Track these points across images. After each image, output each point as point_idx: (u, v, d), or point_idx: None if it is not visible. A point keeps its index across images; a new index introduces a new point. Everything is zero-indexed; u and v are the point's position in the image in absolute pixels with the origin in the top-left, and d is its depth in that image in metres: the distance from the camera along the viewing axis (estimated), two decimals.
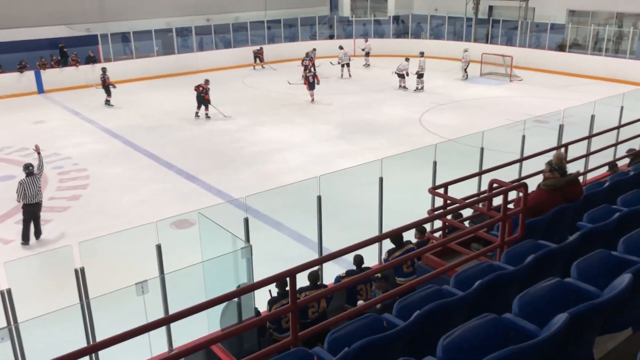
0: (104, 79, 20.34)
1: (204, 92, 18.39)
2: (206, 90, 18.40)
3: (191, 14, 28.15)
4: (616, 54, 25.27)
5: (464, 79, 24.21)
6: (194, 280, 6.15)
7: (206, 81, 18.60)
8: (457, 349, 3.10)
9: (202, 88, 18.41)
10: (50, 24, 24.38)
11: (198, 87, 18.47)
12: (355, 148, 15.42)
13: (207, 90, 18.41)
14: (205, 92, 18.39)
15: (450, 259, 5.39)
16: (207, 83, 18.55)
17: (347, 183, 11.82)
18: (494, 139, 11.17)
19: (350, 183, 11.84)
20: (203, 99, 18.48)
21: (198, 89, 18.44)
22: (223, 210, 10.88)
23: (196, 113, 18.65)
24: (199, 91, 18.42)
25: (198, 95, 18.49)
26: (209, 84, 18.53)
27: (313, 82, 20.36)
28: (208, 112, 18.60)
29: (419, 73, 22.06)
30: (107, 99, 20.50)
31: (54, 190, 12.94)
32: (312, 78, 20.42)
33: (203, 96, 18.43)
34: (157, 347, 6.19)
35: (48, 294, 8.54)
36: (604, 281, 3.62)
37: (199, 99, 18.52)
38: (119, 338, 3.22)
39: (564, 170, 5.61)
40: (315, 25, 30.67)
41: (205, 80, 18.66)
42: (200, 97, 18.48)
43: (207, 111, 18.59)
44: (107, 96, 20.46)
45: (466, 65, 24.19)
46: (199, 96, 18.49)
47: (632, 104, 12.92)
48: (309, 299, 5.28)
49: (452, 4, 30.66)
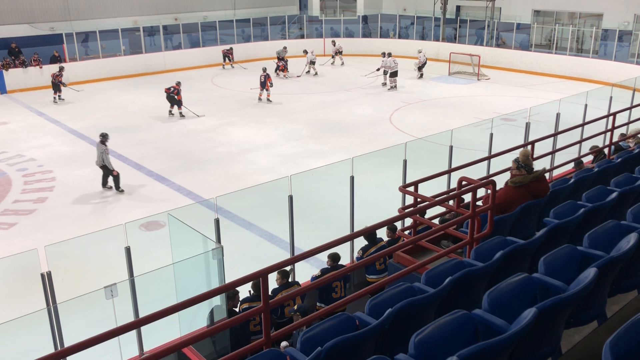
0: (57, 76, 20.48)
1: (174, 92, 18.21)
2: (177, 90, 18.23)
3: (159, 13, 27.80)
4: (579, 53, 25.87)
5: (419, 77, 24.49)
6: (164, 283, 6.09)
7: (178, 83, 18.43)
8: (429, 346, 3.14)
9: (173, 88, 18.24)
10: (11, 22, 23.78)
11: (168, 88, 18.28)
12: (326, 147, 15.44)
13: (178, 91, 18.25)
14: (177, 93, 18.21)
15: (420, 257, 5.44)
16: (179, 85, 18.38)
17: (318, 182, 11.84)
18: (463, 137, 11.30)
19: (321, 182, 11.86)
20: (174, 99, 18.30)
21: (168, 90, 18.25)
22: (193, 211, 10.79)
23: (170, 111, 18.55)
24: (169, 92, 18.24)
25: (168, 96, 18.30)
26: (180, 86, 18.39)
27: (265, 82, 20.03)
28: (181, 111, 18.47)
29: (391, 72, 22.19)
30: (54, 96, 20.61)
31: (19, 192, 12.63)
32: (264, 78, 20.04)
33: (174, 96, 18.25)
34: (128, 351, 6.11)
35: (13, 300, 8.35)
36: (570, 275, 3.70)
37: (170, 99, 18.34)
38: (88, 343, 3.16)
39: (530, 168, 5.73)
40: (285, 24, 30.60)
41: (177, 82, 18.51)
42: (170, 97, 18.29)
43: (180, 109, 18.45)
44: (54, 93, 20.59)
45: (420, 64, 24.47)
46: (169, 96, 18.30)
47: (596, 102, 13.25)
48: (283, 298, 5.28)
49: (421, 4, 30.99)
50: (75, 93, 20.25)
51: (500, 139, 10.55)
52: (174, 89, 18.23)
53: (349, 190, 8.33)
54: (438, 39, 29.40)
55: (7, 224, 11.05)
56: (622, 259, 3.74)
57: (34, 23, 24.48)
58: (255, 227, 10.83)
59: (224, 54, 27.04)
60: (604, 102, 13.37)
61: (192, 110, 18.66)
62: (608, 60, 23.99)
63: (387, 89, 22.24)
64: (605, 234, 4.29)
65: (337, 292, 6.60)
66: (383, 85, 22.63)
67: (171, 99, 18.32)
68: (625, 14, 24.72)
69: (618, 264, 3.75)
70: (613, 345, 2.57)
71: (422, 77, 24.54)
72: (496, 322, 3.25)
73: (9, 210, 11.73)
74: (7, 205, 11.94)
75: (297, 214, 7.84)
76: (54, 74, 20.58)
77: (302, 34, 31.49)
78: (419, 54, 24.65)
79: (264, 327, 4.08)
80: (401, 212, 6.01)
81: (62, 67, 20.88)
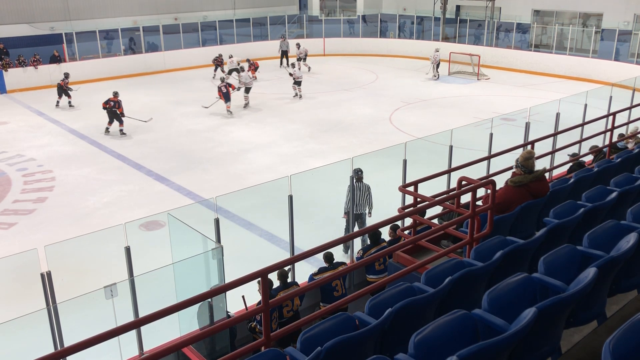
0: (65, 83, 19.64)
1: (116, 106, 16.37)
2: (118, 103, 16.39)
3: (159, 13, 27.79)
4: (580, 53, 25.88)
5: (436, 78, 24.40)
6: (164, 283, 6.08)
7: (115, 94, 16.61)
8: (429, 346, 3.14)
9: (113, 102, 16.37)
10: (11, 22, 23.77)
11: (107, 102, 16.37)
12: (325, 147, 15.44)
13: (119, 103, 16.41)
14: (117, 106, 16.38)
15: (420, 256, 5.43)
16: (117, 95, 16.56)
17: (318, 182, 11.84)
18: (463, 137, 11.29)
19: (321, 182, 11.86)
20: (115, 114, 16.43)
21: (108, 104, 16.33)
22: (193, 211, 10.79)
23: (107, 129, 16.62)
24: (109, 106, 16.32)
25: (110, 110, 16.37)
26: (119, 96, 16.57)
27: (227, 92, 18.35)
28: (122, 128, 16.60)
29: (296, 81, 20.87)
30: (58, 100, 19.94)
31: (19, 192, 12.63)
32: (225, 88, 18.32)
33: (115, 110, 16.39)
34: (128, 351, 6.11)
35: (13, 300, 8.35)
36: (570, 275, 3.70)
37: (111, 113, 16.43)
38: (88, 343, 3.16)
39: (528, 169, 5.70)
40: (285, 24, 30.61)
41: (114, 92, 16.73)
42: (111, 111, 16.40)
43: (122, 126, 16.59)
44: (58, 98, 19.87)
45: (436, 64, 24.38)
46: (110, 111, 16.37)
47: (595, 101, 13.25)
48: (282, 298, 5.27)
49: (420, 4, 31.00)
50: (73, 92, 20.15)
51: (500, 139, 10.55)
52: (114, 103, 16.40)
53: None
54: (438, 38, 29.40)
55: (7, 224, 11.05)
56: (622, 258, 3.74)
57: (34, 23, 24.49)
58: (255, 227, 10.83)
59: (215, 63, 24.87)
60: (603, 102, 13.36)
61: (136, 117, 17.26)
62: (608, 60, 23.99)
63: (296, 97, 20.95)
64: (605, 234, 4.29)
65: (338, 290, 6.60)
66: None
67: (112, 113, 16.45)
68: (625, 14, 24.73)
69: (618, 264, 3.75)
70: (613, 345, 2.57)
71: (438, 78, 24.24)
72: (496, 322, 3.25)
73: (9, 210, 11.73)
74: (7, 205, 11.95)
75: (297, 214, 7.84)
76: (62, 82, 19.62)
77: (302, 33, 31.49)
78: (435, 53, 24.40)
79: (264, 327, 4.08)
80: (401, 212, 6.00)
81: (67, 74, 19.99)
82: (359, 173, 9.46)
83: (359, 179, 9.49)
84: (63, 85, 19.65)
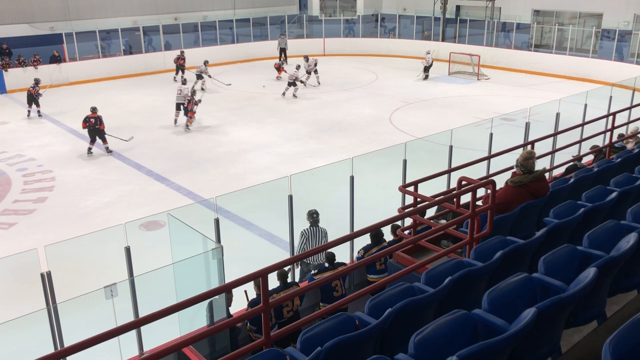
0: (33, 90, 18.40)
1: (97, 123, 14.97)
2: (98, 119, 14.99)
3: (159, 13, 27.78)
4: (580, 53, 25.89)
5: (424, 79, 24.33)
6: (164, 283, 6.08)
7: (93, 109, 15.14)
8: (429, 346, 3.14)
9: (94, 119, 14.92)
10: (11, 22, 23.77)
11: (86, 121, 14.90)
12: (325, 147, 15.44)
13: (100, 120, 15.01)
14: (99, 122, 14.99)
15: (420, 256, 5.43)
16: (96, 111, 15.10)
17: (318, 182, 11.84)
18: (463, 137, 11.30)
19: (321, 182, 11.86)
20: (98, 131, 15.05)
21: (90, 122, 14.88)
22: (193, 211, 10.79)
23: (89, 149, 15.14)
24: (91, 124, 14.90)
25: (93, 129, 14.97)
26: (97, 112, 15.15)
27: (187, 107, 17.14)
28: (107, 145, 15.25)
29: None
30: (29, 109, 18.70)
31: (19, 192, 12.63)
32: (187, 103, 17.15)
33: (97, 128, 15.01)
34: (128, 351, 6.10)
35: (13, 299, 8.35)
36: (570, 275, 3.70)
37: (94, 131, 15.03)
38: (88, 343, 3.16)
39: (528, 169, 5.70)
40: (285, 24, 30.62)
41: (92, 108, 15.19)
42: (94, 130, 15.01)
43: (106, 144, 15.23)
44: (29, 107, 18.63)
45: (427, 64, 24.33)
46: (93, 129, 14.98)
47: (595, 101, 13.25)
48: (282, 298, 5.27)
49: (421, 4, 30.99)
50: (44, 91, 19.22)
51: (500, 139, 10.55)
52: (95, 120, 14.99)
53: (348, 190, 8.33)
54: (438, 38, 29.40)
55: (7, 224, 11.06)
56: (622, 258, 3.74)
57: (34, 23, 24.48)
58: (255, 227, 10.83)
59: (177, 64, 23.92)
60: (603, 102, 13.36)
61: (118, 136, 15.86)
62: (608, 60, 23.99)
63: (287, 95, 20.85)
64: (605, 234, 4.29)
65: (337, 290, 6.60)
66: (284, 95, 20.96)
67: (94, 132, 15.08)
68: (625, 14, 24.72)
69: (618, 264, 3.75)
70: (613, 345, 2.57)
71: (427, 78, 24.36)
72: (496, 322, 3.25)
73: (9, 210, 11.74)
74: (7, 205, 11.95)
75: (297, 214, 7.84)
76: (31, 89, 18.38)
77: (302, 33, 31.50)
78: (427, 55, 24.47)
79: (264, 327, 4.08)
80: (401, 212, 6.00)
81: (38, 80, 18.82)
82: (314, 215, 7.96)
83: (314, 222, 7.96)
84: (33, 93, 18.42)
